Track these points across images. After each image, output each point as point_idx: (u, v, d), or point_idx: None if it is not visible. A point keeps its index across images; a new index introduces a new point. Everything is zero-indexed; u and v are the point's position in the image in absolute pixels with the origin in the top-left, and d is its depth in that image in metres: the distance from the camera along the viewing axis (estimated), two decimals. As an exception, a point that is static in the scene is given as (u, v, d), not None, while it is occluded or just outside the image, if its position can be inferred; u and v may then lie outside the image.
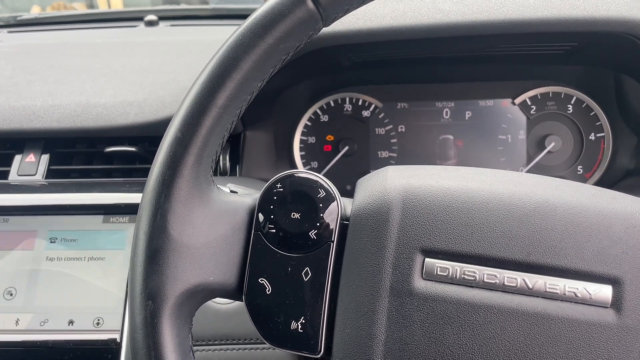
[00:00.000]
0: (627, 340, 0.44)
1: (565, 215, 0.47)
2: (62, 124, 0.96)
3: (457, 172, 0.53)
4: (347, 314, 0.49)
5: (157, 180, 0.47)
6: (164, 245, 0.47)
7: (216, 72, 0.47)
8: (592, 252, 0.46)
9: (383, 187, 0.51)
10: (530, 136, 1.09)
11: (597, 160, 1.08)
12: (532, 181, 0.51)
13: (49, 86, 1.04)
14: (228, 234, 0.51)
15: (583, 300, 0.45)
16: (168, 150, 0.48)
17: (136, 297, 0.47)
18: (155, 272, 0.47)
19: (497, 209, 0.48)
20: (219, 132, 0.49)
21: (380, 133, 1.12)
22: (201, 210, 0.49)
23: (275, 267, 0.51)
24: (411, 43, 0.90)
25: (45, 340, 0.78)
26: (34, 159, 0.97)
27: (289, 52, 0.50)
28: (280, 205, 0.52)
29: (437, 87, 1.11)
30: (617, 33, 0.84)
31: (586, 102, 1.07)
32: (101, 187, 0.89)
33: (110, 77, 1.07)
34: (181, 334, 0.48)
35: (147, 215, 0.47)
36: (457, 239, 0.47)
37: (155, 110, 0.95)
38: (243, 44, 0.47)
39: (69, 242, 0.84)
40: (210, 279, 0.50)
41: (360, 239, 0.50)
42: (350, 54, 0.98)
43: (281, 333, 0.51)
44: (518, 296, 0.46)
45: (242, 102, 0.49)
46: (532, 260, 0.46)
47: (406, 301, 0.47)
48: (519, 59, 1.04)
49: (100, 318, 0.79)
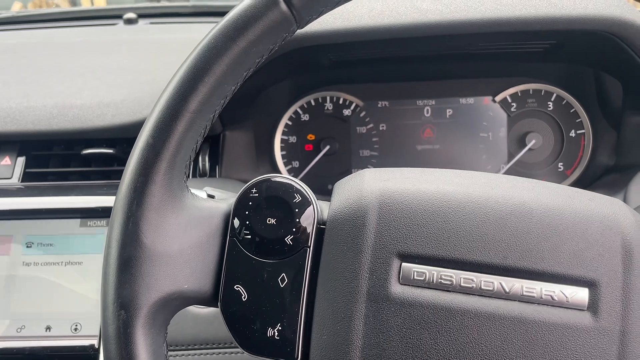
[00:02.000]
0: (604, 343, 0.44)
1: (541, 217, 0.47)
2: (38, 126, 0.94)
3: (434, 175, 0.52)
4: (323, 320, 0.48)
5: (129, 187, 0.47)
6: (137, 253, 0.46)
7: (188, 76, 0.47)
8: (568, 254, 0.46)
9: (359, 191, 0.50)
10: (511, 134, 1.09)
11: (577, 157, 1.08)
12: (508, 183, 0.51)
13: (25, 87, 1.02)
14: (202, 240, 0.50)
15: (560, 303, 0.45)
16: (139, 156, 0.47)
17: (109, 307, 0.46)
18: (127, 281, 0.46)
19: (473, 212, 0.47)
20: (192, 137, 0.48)
21: (362, 132, 1.12)
22: (174, 217, 0.48)
23: (251, 273, 0.50)
24: (390, 42, 0.90)
25: (23, 347, 0.77)
26: (9, 162, 0.95)
27: (263, 55, 0.49)
28: (256, 211, 0.51)
29: (418, 85, 1.11)
30: (595, 31, 0.84)
31: (566, 99, 1.07)
32: (79, 190, 0.88)
33: (88, 77, 1.05)
34: (155, 344, 0.47)
35: (119, 223, 0.47)
36: (433, 243, 0.47)
37: (132, 112, 0.94)
38: (215, 47, 0.46)
39: (46, 247, 0.82)
40: (184, 287, 0.49)
41: (337, 244, 0.49)
42: (329, 53, 0.97)
43: (258, 340, 0.50)
44: (495, 300, 0.46)
45: (215, 106, 0.49)
46: (509, 264, 0.46)
47: (383, 306, 0.47)
48: (499, 56, 1.04)
49: (78, 323, 0.78)
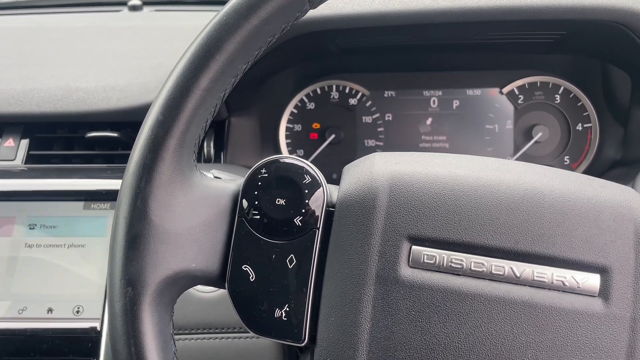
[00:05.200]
0: (615, 330, 0.44)
1: (553, 203, 0.46)
2: (42, 108, 0.93)
3: (445, 159, 0.52)
4: (331, 302, 0.48)
5: (138, 164, 0.46)
6: (145, 230, 0.46)
7: (199, 53, 0.46)
8: (581, 240, 0.45)
9: (370, 174, 0.50)
10: (518, 126, 1.09)
11: (584, 150, 1.07)
12: (520, 169, 0.50)
13: (28, 70, 1.02)
14: (211, 220, 0.50)
15: (571, 289, 0.45)
16: (149, 133, 0.46)
17: (115, 284, 0.46)
18: (135, 259, 0.45)
19: (485, 196, 0.47)
20: (202, 115, 0.47)
21: (367, 121, 1.11)
22: (183, 195, 0.48)
23: (259, 254, 0.50)
24: (399, 29, 0.89)
25: (24, 328, 0.77)
26: (13, 143, 0.94)
27: (275, 34, 0.48)
28: (265, 191, 0.51)
29: (425, 76, 1.11)
30: (606, 21, 0.84)
31: (574, 92, 1.07)
32: (82, 173, 0.88)
33: (92, 62, 1.04)
34: (162, 322, 0.47)
35: (127, 200, 0.46)
36: (444, 227, 0.47)
37: (138, 95, 0.94)
38: (227, 25, 0.46)
39: (49, 229, 0.82)
40: (192, 266, 0.48)
41: (346, 226, 0.49)
42: (337, 39, 0.97)
43: (265, 321, 0.50)
44: (505, 285, 0.45)
45: (226, 84, 0.48)
46: (520, 249, 0.46)
47: (392, 289, 0.46)
48: (507, 47, 1.03)
49: (80, 306, 0.78)
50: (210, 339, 0.77)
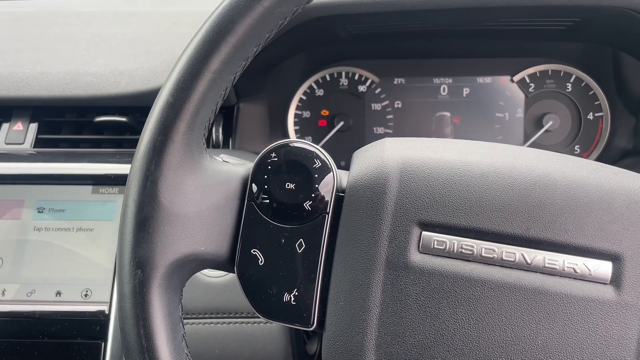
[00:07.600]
0: (626, 317, 0.44)
1: (566, 189, 0.46)
2: (52, 92, 0.94)
3: (456, 144, 0.51)
4: (341, 287, 0.48)
5: (148, 147, 0.46)
6: (154, 213, 0.46)
7: (210, 35, 0.46)
8: (593, 227, 0.45)
9: (380, 159, 0.50)
10: (528, 114, 1.08)
11: (594, 140, 1.07)
12: (532, 155, 0.50)
13: (37, 54, 1.02)
14: (220, 203, 0.50)
15: (582, 276, 0.44)
16: (159, 115, 0.46)
17: (125, 266, 0.46)
18: (144, 241, 0.45)
19: (496, 182, 0.47)
20: (213, 98, 0.47)
21: (376, 109, 1.11)
22: (193, 178, 0.48)
23: (268, 238, 0.50)
24: (410, 14, 0.88)
25: (32, 311, 0.77)
26: (22, 127, 0.95)
27: (286, 17, 0.48)
28: (275, 175, 0.51)
29: (435, 63, 1.10)
30: (619, 8, 0.83)
31: (585, 80, 1.06)
32: (90, 157, 0.88)
33: (101, 46, 1.04)
34: (171, 305, 0.47)
35: (137, 183, 0.46)
36: (455, 212, 0.46)
37: (146, 80, 0.93)
38: (239, 7, 0.45)
39: (57, 212, 0.82)
40: (201, 249, 0.48)
41: (356, 211, 0.48)
42: (347, 24, 0.96)
43: (273, 305, 0.49)
44: (516, 271, 0.45)
45: (236, 67, 0.48)
46: (532, 235, 0.45)
47: (402, 274, 0.46)
48: (519, 34, 1.02)
49: (88, 290, 0.78)
50: (218, 324, 0.77)
